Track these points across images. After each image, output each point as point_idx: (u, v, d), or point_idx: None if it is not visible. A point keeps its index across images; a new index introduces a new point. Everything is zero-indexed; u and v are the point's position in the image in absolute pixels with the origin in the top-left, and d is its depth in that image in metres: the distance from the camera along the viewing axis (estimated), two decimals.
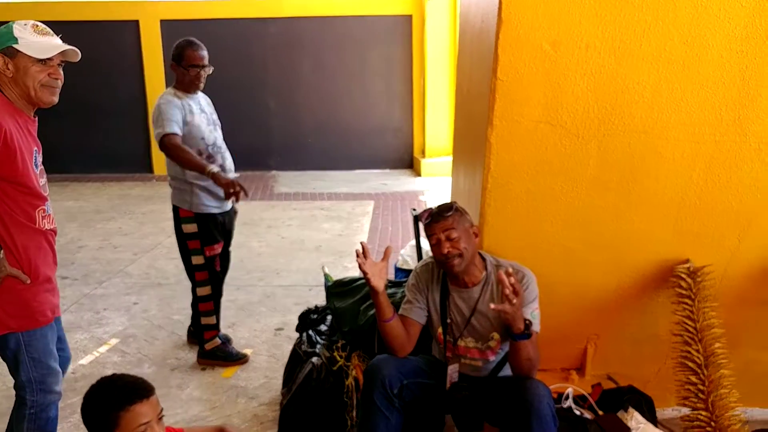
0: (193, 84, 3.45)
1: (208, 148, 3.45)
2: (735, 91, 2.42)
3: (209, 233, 3.50)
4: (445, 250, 2.38)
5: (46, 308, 2.26)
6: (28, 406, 2.27)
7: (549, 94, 2.44)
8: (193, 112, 3.43)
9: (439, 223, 2.42)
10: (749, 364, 2.96)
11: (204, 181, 3.39)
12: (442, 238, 2.40)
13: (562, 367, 3.08)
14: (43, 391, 2.28)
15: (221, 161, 3.48)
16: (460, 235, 2.40)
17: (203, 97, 3.61)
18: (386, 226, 6.96)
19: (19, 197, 2.14)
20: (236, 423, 3.10)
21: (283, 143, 10.21)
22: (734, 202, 2.63)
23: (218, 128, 3.59)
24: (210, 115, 3.56)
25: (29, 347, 2.23)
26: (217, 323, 3.68)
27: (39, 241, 2.23)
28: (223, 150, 3.55)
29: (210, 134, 3.47)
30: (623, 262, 2.77)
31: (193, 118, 3.41)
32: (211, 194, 3.45)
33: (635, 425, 2.44)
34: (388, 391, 2.34)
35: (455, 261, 2.39)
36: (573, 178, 2.58)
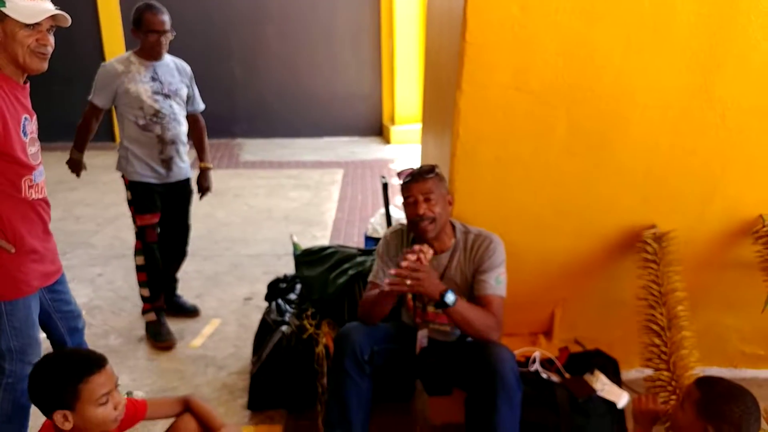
0: (154, 50, 3.33)
1: (146, 118, 3.33)
2: (702, 57, 2.43)
3: (140, 202, 3.43)
4: (421, 211, 2.36)
5: (30, 278, 2.24)
6: (6, 374, 2.25)
7: (518, 59, 2.42)
8: (137, 80, 3.29)
9: (418, 183, 2.39)
10: (709, 326, 3.04)
11: (140, 149, 3.36)
12: (419, 199, 2.37)
13: (530, 331, 3.12)
14: (22, 361, 2.26)
15: (159, 132, 3.36)
16: (437, 199, 2.39)
17: (169, 65, 3.46)
18: (355, 194, 6.92)
19: (3, 166, 2.10)
20: (206, 393, 3.08)
21: (249, 111, 10.03)
22: (699, 168, 2.67)
23: (175, 98, 3.43)
24: (168, 84, 3.39)
25: (11, 316, 2.21)
26: (151, 297, 3.59)
27: (25, 211, 2.20)
28: (168, 121, 3.38)
29: (153, 104, 3.32)
30: (591, 227, 2.80)
31: (133, 87, 3.28)
32: (146, 163, 3.39)
33: (600, 387, 2.49)
34: (359, 357, 2.34)
35: (428, 225, 2.37)
36: (541, 144, 2.58)
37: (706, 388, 1.85)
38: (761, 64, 2.47)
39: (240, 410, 2.94)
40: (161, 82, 3.37)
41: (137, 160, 3.38)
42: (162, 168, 3.43)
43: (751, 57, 2.45)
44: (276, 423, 2.85)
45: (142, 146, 3.36)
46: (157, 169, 3.41)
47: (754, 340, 3.17)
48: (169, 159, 3.44)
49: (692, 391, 1.87)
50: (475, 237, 2.48)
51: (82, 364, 1.82)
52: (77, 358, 1.87)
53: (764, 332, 3.07)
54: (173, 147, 3.43)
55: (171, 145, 3.41)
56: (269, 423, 2.85)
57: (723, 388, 1.85)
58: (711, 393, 1.83)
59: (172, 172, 3.47)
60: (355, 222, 5.92)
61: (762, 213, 2.76)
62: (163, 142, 3.38)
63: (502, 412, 2.19)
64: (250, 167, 8.26)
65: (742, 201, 2.75)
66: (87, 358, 1.85)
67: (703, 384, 1.88)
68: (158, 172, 3.43)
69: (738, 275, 2.91)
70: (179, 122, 3.46)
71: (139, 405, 2.07)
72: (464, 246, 2.48)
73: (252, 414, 2.91)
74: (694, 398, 1.84)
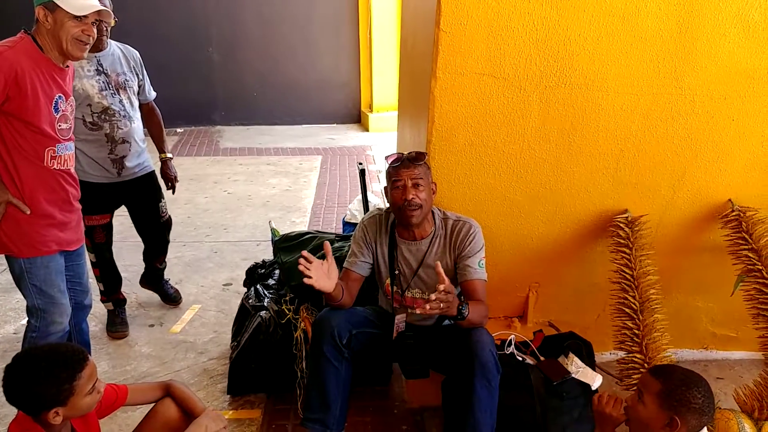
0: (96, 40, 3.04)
1: (94, 116, 3.11)
2: (672, 44, 2.48)
3: (86, 203, 3.02)
4: (410, 196, 2.36)
5: (48, 240, 2.44)
6: (32, 329, 2.52)
7: (492, 46, 2.45)
8: (81, 75, 3.05)
9: (409, 169, 2.40)
10: (680, 308, 3.11)
11: (88, 148, 3.14)
12: (408, 184, 2.38)
13: (505, 315, 3.17)
14: (46, 320, 2.51)
15: (108, 130, 3.15)
16: (424, 187, 2.41)
17: (115, 53, 3.22)
18: (334, 180, 6.93)
19: (28, 134, 2.31)
20: (186, 378, 3.10)
21: (228, 98, 9.97)
22: (670, 154, 2.72)
23: (125, 91, 3.21)
24: (115, 76, 3.17)
25: (30, 274, 2.44)
26: (106, 291, 3.53)
27: (44, 178, 2.40)
28: (119, 118, 3.17)
29: (101, 100, 3.11)
30: (564, 212, 2.85)
31: (79, 83, 3.04)
32: (95, 162, 3.18)
33: (575, 369, 2.53)
34: (337, 341, 2.37)
35: (415, 211, 2.39)
36: (515, 130, 2.62)
37: (664, 378, 1.82)
38: (730, 52, 2.51)
39: (220, 395, 2.96)
40: (107, 74, 3.15)
41: (85, 157, 3.15)
42: (113, 167, 3.23)
43: (720, 45, 2.50)
44: (256, 407, 2.87)
45: (90, 145, 3.15)
46: (107, 168, 3.22)
47: (725, 322, 3.24)
48: (121, 158, 3.23)
49: (650, 383, 1.84)
50: (454, 223, 2.51)
51: (71, 362, 1.79)
52: (64, 356, 1.81)
53: (734, 314, 3.14)
54: (125, 146, 3.22)
55: (122, 144, 3.21)
56: (249, 407, 2.87)
57: (681, 374, 1.83)
58: (671, 382, 1.80)
59: (125, 170, 3.27)
60: (334, 208, 5.94)
61: (731, 198, 2.83)
62: (113, 141, 3.17)
63: (480, 394, 2.23)
64: (229, 154, 8.24)
65: (712, 186, 2.82)
66: (73, 355, 1.81)
67: (660, 374, 1.85)
68: (109, 172, 3.23)
69: (708, 259, 2.98)
70: (131, 118, 3.24)
71: (120, 390, 2.08)
72: (443, 232, 2.51)
73: (232, 399, 2.93)
74: (655, 390, 1.81)
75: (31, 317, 2.52)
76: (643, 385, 1.87)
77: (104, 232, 3.38)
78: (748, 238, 2.71)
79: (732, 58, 2.52)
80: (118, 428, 2.65)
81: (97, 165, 3.20)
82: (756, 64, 2.54)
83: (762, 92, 2.61)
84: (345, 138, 9.32)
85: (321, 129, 9.95)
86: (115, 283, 3.57)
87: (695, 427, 1.79)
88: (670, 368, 1.89)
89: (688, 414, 1.77)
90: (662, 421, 1.79)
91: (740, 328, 3.23)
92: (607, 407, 1.94)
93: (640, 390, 1.87)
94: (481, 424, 2.24)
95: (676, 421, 1.77)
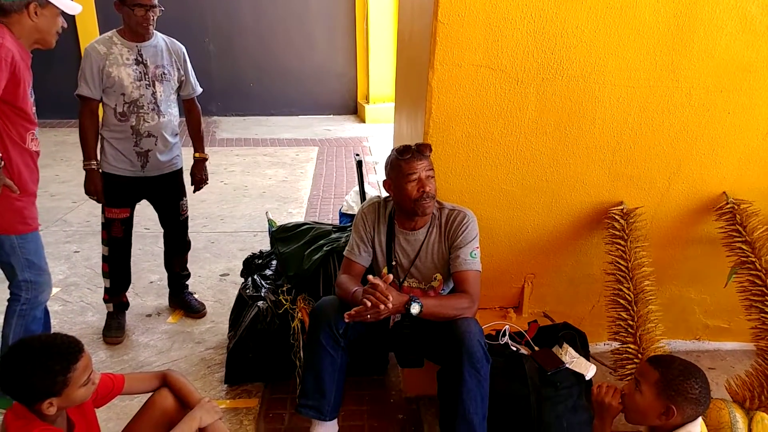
0: (140, 27, 3.03)
1: (124, 106, 3.09)
2: (669, 36, 2.49)
3: (109, 195, 3.21)
4: (428, 188, 2.38)
5: (35, 215, 2.63)
6: (21, 302, 2.65)
7: (490, 37, 2.45)
8: (120, 62, 3.04)
9: (422, 161, 2.40)
10: (673, 300, 3.14)
11: (115, 139, 3.14)
12: (422, 177, 2.39)
13: (500, 305, 3.19)
14: (36, 291, 2.67)
15: (134, 122, 3.11)
16: (434, 177, 2.43)
17: (158, 45, 3.17)
18: (330, 171, 6.94)
19: (17, 120, 2.46)
20: (183, 367, 3.11)
21: (224, 88, 9.95)
22: (666, 146, 2.74)
23: (161, 85, 3.16)
24: (153, 68, 3.13)
25: (23, 249, 2.58)
26: (111, 290, 3.43)
27: (27, 160, 2.55)
28: (147, 111, 3.13)
29: (134, 90, 3.08)
30: (560, 204, 2.86)
31: (116, 71, 3.03)
32: (121, 154, 3.16)
33: (569, 359, 2.55)
34: (334, 331, 2.38)
35: (430, 202, 2.41)
36: (512, 122, 2.63)
37: (663, 368, 1.83)
38: (727, 45, 2.52)
39: (217, 384, 2.98)
40: (146, 65, 3.11)
41: (112, 149, 3.16)
42: (138, 161, 3.18)
43: (717, 37, 2.51)
44: (253, 396, 2.89)
45: (117, 136, 3.13)
46: (132, 161, 3.18)
47: (717, 313, 3.27)
48: (146, 152, 3.19)
49: (648, 373, 1.85)
50: (450, 212, 2.52)
51: (66, 354, 1.79)
52: (59, 348, 1.80)
53: (726, 306, 3.17)
54: (151, 140, 3.17)
55: (147, 137, 3.16)
56: (246, 396, 2.89)
57: (680, 365, 1.84)
58: (669, 372, 1.81)
59: (150, 164, 3.22)
60: (330, 199, 5.95)
61: (725, 190, 2.84)
62: (137, 134, 3.14)
63: (468, 383, 2.24)
64: (226, 145, 8.24)
65: (707, 179, 2.83)
66: (68, 347, 1.81)
67: (658, 364, 1.86)
68: (133, 165, 3.19)
69: (702, 251, 3.00)
70: (161, 113, 3.18)
71: (116, 380, 2.09)
72: (439, 221, 2.52)
73: (229, 388, 2.95)
74: (653, 379, 1.82)
75: (20, 291, 2.64)
76: (640, 374, 1.88)
77: (123, 227, 3.30)
78: (741, 230, 2.73)
79: (729, 50, 2.53)
80: (116, 416, 2.66)
81: (122, 157, 3.17)
82: (753, 56, 2.55)
83: (758, 85, 2.62)
84: (341, 129, 9.32)
85: (317, 120, 9.94)
86: (122, 283, 3.48)
87: (691, 417, 1.82)
88: (668, 358, 1.90)
89: (685, 403, 1.79)
90: (659, 409, 1.81)
91: (732, 319, 3.26)
92: (607, 397, 1.95)
93: (637, 379, 1.89)
94: (471, 413, 2.25)
95: (673, 410, 1.79)
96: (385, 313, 2.21)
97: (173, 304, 3.74)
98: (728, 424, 2.36)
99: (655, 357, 1.95)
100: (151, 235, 4.58)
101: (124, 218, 3.29)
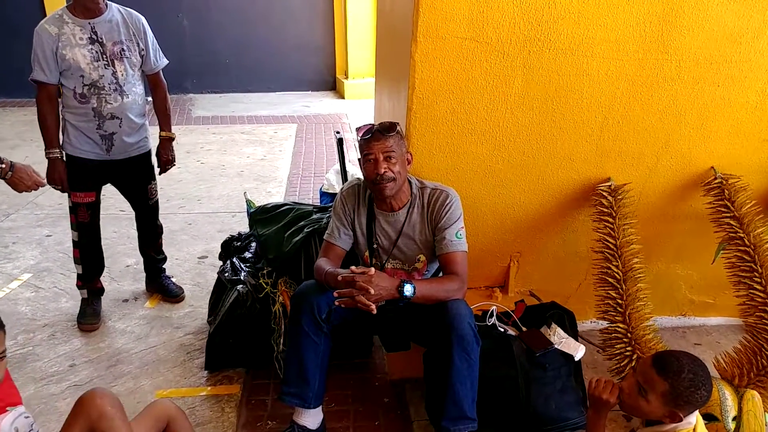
0: (90, 1, 2.84)
1: (84, 88, 2.90)
2: (659, 7, 2.41)
3: (73, 178, 3.05)
4: (382, 170, 2.29)
5: None
6: None
7: (474, 9, 2.36)
8: (73, 43, 2.83)
9: (380, 142, 2.31)
10: (659, 276, 3.11)
11: (78, 120, 2.96)
12: (379, 158, 2.30)
13: (486, 285, 3.13)
14: None
15: (96, 104, 2.93)
16: (398, 158, 2.33)
17: (113, 19, 2.94)
18: (310, 149, 6.83)
19: None
20: (162, 354, 3.03)
21: (199, 65, 9.74)
22: (654, 121, 2.68)
23: (122, 63, 2.95)
24: (111, 45, 2.91)
25: None
26: (83, 275, 3.31)
27: None
28: (108, 92, 2.93)
29: (92, 72, 2.88)
30: (546, 181, 2.80)
31: (70, 53, 2.84)
32: (85, 135, 2.99)
33: (557, 340, 2.51)
34: (317, 316, 2.31)
35: (388, 184, 2.32)
36: (498, 96, 2.55)
37: (672, 378, 1.75)
38: (717, 15, 2.46)
39: (197, 371, 2.90)
40: (102, 43, 2.89)
41: (75, 131, 2.98)
42: (103, 143, 3.01)
43: (707, 8, 2.44)
44: (234, 383, 2.81)
45: (79, 118, 2.96)
46: (97, 143, 3.01)
47: (703, 289, 3.25)
48: (111, 135, 3.01)
49: (656, 382, 1.77)
50: (431, 192, 2.44)
51: None
52: None
53: (712, 281, 3.15)
54: (114, 122, 2.99)
55: (111, 119, 2.98)
56: (227, 383, 2.81)
57: (689, 373, 1.75)
58: (679, 384, 1.74)
59: (116, 147, 3.05)
60: (310, 177, 5.85)
61: (713, 165, 2.80)
62: (100, 116, 2.96)
63: (458, 366, 2.19)
64: (202, 123, 8.08)
65: (695, 153, 2.79)
66: None
67: (666, 374, 1.76)
68: (99, 147, 3.03)
69: (689, 227, 2.97)
70: (124, 93, 2.98)
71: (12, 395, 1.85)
72: (420, 201, 2.45)
73: (209, 374, 2.87)
74: (661, 389, 1.76)
75: None
76: (646, 381, 1.80)
77: (89, 212, 3.14)
78: (730, 205, 2.69)
79: (719, 20, 2.46)
80: None
81: (85, 139, 3.00)
82: (743, 27, 2.49)
83: (748, 57, 2.56)
84: (320, 105, 9.18)
85: (295, 96, 9.79)
86: (95, 269, 3.35)
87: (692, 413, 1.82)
88: (676, 365, 1.78)
89: (691, 408, 1.78)
90: (664, 413, 1.79)
91: (718, 295, 3.25)
92: (604, 393, 1.90)
93: (641, 386, 1.81)
94: (461, 396, 2.21)
95: (680, 416, 1.77)
96: (375, 298, 2.14)
97: (150, 289, 3.64)
98: (717, 401, 2.33)
99: (660, 361, 1.81)
100: (126, 218, 4.45)
101: (90, 202, 3.14)
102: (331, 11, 9.88)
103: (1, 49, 9.03)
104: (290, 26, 9.84)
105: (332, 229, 2.50)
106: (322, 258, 2.45)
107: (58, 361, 2.98)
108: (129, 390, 2.76)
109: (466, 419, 2.23)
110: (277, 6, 9.73)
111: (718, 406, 2.33)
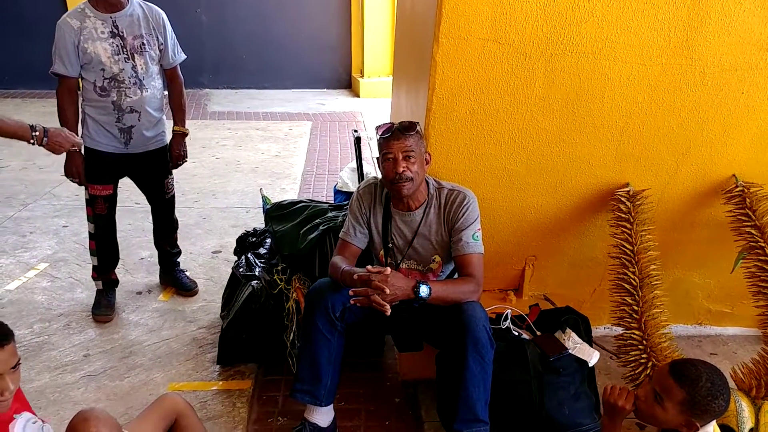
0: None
1: (104, 81, 2.92)
2: (685, 12, 2.38)
3: (91, 171, 3.08)
4: (400, 169, 2.28)
5: None
6: None
7: (497, 10, 2.34)
8: (95, 37, 2.85)
9: (399, 141, 2.30)
10: (675, 284, 3.08)
11: (97, 113, 2.99)
12: (398, 157, 2.29)
13: (500, 288, 3.11)
14: None
15: (116, 97, 2.96)
16: (416, 158, 2.32)
17: (134, 13, 2.95)
18: (324, 147, 6.82)
19: None
20: (175, 347, 3.04)
21: (216, 60, 9.76)
22: (675, 127, 2.65)
23: (141, 57, 2.97)
24: (131, 39, 2.93)
25: None
26: (99, 267, 3.33)
27: None
28: (128, 85, 2.96)
29: (113, 65, 2.90)
30: (564, 184, 2.78)
31: (91, 46, 2.85)
32: (104, 128, 3.02)
33: (572, 345, 2.49)
34: (331, 314, 2.30)
35: (406, 184, 2.31)
36: (519, 98, 2.53)
37: (690, 387, 1.72)
38: (744, 21, 2.42)
39: (209, 365, 2.91)
40: (123, 37, 2.91)
41: (95, 124, 3.01)
42: (121, 137, 3.04)
43: (733, 13, 2.41)
44: (246, 378, 2.82)
45: (99, 111, 2.98)
46: (116, 136, 3.04)
47: (720, 298, 3.21)
48: (130, 128, 3.03)
49: (673, 390, 1.74)
50: (449, 192, 2.43)
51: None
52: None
53: (730, 290, 3.12)
54: (133, 115, 3.01)
55: (130, 113, 3.01)
56: (239, 378, 2.82)
57: (707, 381, 1.72)
58: (697, 393, 1.71)
59: (134, 141, 3.07)
60: (324, 175, 5.85)
61: (735, 173, 2.77)
62: (119, 110, 2.98)
63: (472, 369, 2.18)
64: (217, 118, 8.10)
65: (716, 161, 2.75)
66: None
67: (683, 383, 1.74)
68: (117, 141, 3.05)
69: (708, 235, 2.93)
70: (144, 87, 3.01)
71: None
72: (438, 202, 2.44)
73: (221, 369, 2.88)
74: (678, 398, 1.73)
75: None
76: (663, 389, 1.77)
77: (106, 204, 3.18)
78: (751, 214, 2.66)
79: (746, 27, 2.43)
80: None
81: (104, 132, 3.02)
82: None
83: None
84: (335, 103, 9.18)
85: (310, 94, 9.79)
86: (110, 261, 3.37)
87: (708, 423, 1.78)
88: (693, 373, 1.75)
89: (709, 417, 1.75)
90: (680, 422, 1.76)
91: (736, 304, 3.21)
92: (620, 400, 1.88)
93: (658, 393, 1.78)
94: (474, 398, 2.20)
95: (696, 426, 1.74)
96: (390, 298, 2.14)
97: (164, 282, 3.65)
98: (734, 412, 2.30)
99: (678, 370, 1.78)
100: (141, 210, 4.47)
101: (107, 195, 3.17)
102: (348, 10, 9.87)
103: (22, 42, 9.11)
104: (307, 24, 9.84)
105: (348, 227, 2.50)
106: (338, 256, 2.45)
107: (72, 350, 3.00)
108: (141, 382, 2.77)
109: (479, 422, 2.22)
110: (295, 3, 9.73)
111: (735, 417, 2.30)
